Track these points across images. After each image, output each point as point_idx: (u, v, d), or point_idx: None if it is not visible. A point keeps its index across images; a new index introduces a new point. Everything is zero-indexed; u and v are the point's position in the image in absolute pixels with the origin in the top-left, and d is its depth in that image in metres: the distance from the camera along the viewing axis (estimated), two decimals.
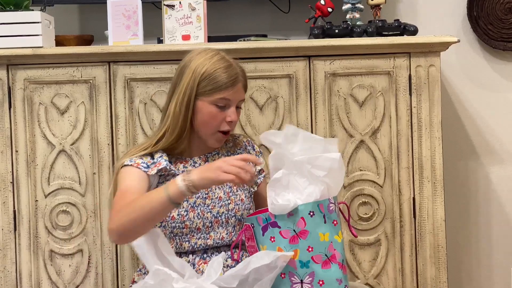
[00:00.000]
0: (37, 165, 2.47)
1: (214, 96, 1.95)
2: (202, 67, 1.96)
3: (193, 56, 2.01)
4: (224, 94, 1.96)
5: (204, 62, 1.97)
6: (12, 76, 2.46)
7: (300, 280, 1.76)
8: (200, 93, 1.96)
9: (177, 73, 2.02)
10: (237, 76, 1.98)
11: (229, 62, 1.99)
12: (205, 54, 2.00)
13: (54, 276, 2.47)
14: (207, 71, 1.96)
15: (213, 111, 1.96)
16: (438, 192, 2.47)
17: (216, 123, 1.98)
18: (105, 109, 2.46)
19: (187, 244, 1.97)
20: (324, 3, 2.61)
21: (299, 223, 1.77)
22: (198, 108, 1.97)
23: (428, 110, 2.47)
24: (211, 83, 1.95)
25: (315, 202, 1.79)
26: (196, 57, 2.00)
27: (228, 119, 1.98)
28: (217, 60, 1.98)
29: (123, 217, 1.79)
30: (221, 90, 1.95)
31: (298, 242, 1.76)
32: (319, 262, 1.76)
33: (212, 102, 1.96)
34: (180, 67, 2.02)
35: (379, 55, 2.47)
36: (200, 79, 1.95)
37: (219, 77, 1.96)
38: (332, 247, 1.78)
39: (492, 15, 2.93)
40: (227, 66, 1.98)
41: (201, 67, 1.96)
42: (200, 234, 1.97)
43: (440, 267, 2.48)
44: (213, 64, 1.97)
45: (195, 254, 1.97)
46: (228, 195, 2.02)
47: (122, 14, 2.53)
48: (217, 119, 1.97)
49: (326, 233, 1.78)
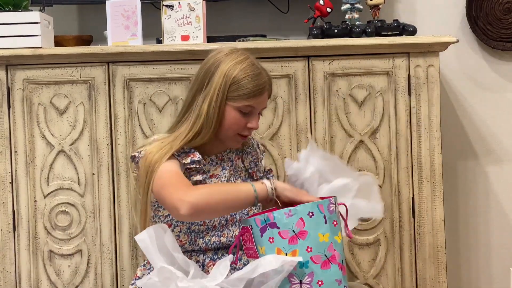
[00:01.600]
0: (36, 166, 2.46)
1: (240, 103, 1.95)
2: (233, 71, 1.94)
3: (222, 57, 1.98)
4: (250, 102, 1.95)
5: (235, 66, 1.95)
6: (11, 77, 2.46)
7: (299, 281, 1.76)
8: (227, 97, 1.95)
9: (204, 72, 1.98)
10: (265, 86, 1.98)
11: (259, 70, 1.98)
12: (235, 56, 1.98)
13: (54, 276, 2.47)
14: (237, 76, 1.94)
15: (237, 116, 1.96)
16: (437, 192, 2.48)
17: (238, 128, 1.98)
18: (104, 110, 2.46)
19: (201, 241, 1.97)
20: (323, 3, 2.61)
21: (298, 224, 1.77)
22: (224, 112, 1.96)
23: (427, 110, 2.47)
24: (239, 89, 1.94)
25: (314, 203, 1.79)
26: (226, 58, 1.97)
27: (249, 126, 1.99)
28: (247, 66, 1.96)
29: (205, 195, 1.78)
30: (248, 98, 1.95)
31: (297, 243, 1.76)
32: (319, 262, 1.76)
33: (237, 107, 1.95)
34: (207, 65, 1.99)
35: (378, 55, 2.47)
36: (230, 83, 1.94)
37: (247, 84, 1.95)
38: (332, 248, 1.78)
39: (491, 15, 2.93)
40: (257, 74, 1.97)
41: (232, 71, 1.94)
42: (215, 232, 1.98)
43: (439, 267, 2.48)
44: (243, 70, 1.95)
45: (205, 254, 1.98)
46: None
47: (121, 15, 2.54)
48: (240, 124, 1.97)
49: (326, 234, 1.78)
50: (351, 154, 2.48)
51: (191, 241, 1.96)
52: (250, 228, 1.80)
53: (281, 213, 1.78)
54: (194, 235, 1.97)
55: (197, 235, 1.97)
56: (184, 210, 1.75)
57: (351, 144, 2.48)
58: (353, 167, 2.48)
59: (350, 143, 2.48)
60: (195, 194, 1.78)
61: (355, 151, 2.48)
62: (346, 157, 2.48)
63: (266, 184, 1.84)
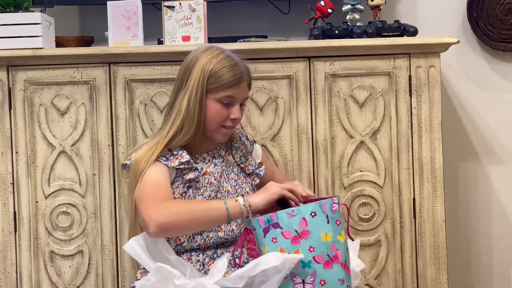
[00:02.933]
0: (37, 166, 2.47)
1: (220, 94, 2.00)
2: (210, 64, 2.00)
3: (198, 54, 2.04)
4: (229, 92, 2.00)
5: (210, 60, 2.01)
6: (12, 77, 2.46)
7: (302, 280, 1.76)
8: (207, 90, 2.00)
9: (183, 71, 2.05)
10: (242, 75, 2.03)
11: (235, 61, 2.03)
12: (211, 52, 2.04)
13: (55, 277, 2.47)
14: (214, 69, 2.00)
15: (218, 108, 2.00)
16: (438, 192, 2.47)
17: (220, 120, 2.02)
18: (105, 110, 2.46)
19: (199, 237, 1.98)
20: (324, 4, 2.61)
21: (300, 224, 1.77)
22: (206, 105, 2.00)
23: (428, 111, 2.47)
24: (216, 81, 1.99)
25: (317, 203, 1.80)
26: (202, 54, 2.03)
27: (232, 117, 2.03)
28: (223, 58, 2.02)
29: (174, 214, 1.80)
30: (227, 88, 2.00)
31: (300, 243, 1.76)
32: (321, 262, 1.76)
33: (217, 99, 2.00)
34: (185, 64, 2.06)
35: (379, 56, 2.47)
36: (208, 77, 1.99)
37: (225, 75, 2.00)
38: (335, 247, 1.78)
39: (492, 16, 2.93)
40: (233, 64, 2.02)
41: (208, 65, 2.00)
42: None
43: (440, 268, 2.48)
44: (219, 63, 2.01)
45: (205, 253, 1.98)
46: (235, 188, 2.07)
47: (122, 15, 2.54)
48: (222, 116, 2.01)
49: (329, 233, 1.78)
50: (352, 154, 2.48)
51: (190, 239, 1.97)
52: (253, 229, 1.81)
53: (284, 213, 1.79)
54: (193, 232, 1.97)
55: (196, 232, 1.97)
56: (152, 228, 1.80)
57: (352, 145, 2.48)
58: (354, 167, 2.48)
59: (351, 143, 2.48)
60: (164, 213, 1.80)
61: (356, 152, 2.48)
62: (347, 158, 2.48)
63: (239, 202, 1.85)
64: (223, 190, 2.04)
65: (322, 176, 2.47)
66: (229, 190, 2.06)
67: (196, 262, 1.96)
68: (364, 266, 2.03)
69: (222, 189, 2.04)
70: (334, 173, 2.48)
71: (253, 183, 2.14)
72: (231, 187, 2.06)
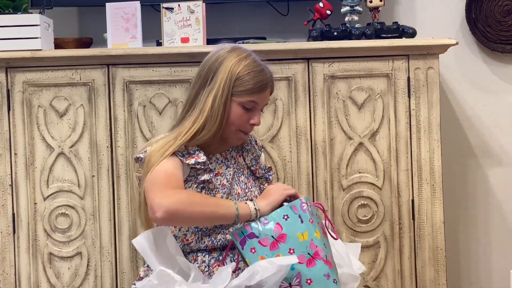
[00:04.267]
0: (36, 168, 2.46)
1: (244, 98, 1.97)
2: (238, 67, 1.97)
3: (225, 54, 2.00)
4: (253, 98, 1.98)
5: (239, 63, 1.97)
6: (11, 79, 2.46)
7: (289, 284, 1.77)
8: (232, 92, 1.97)
9: (207, 68, 2.00)
10: (268, 82, 2.00)
11: (262, 67, 2.00)
12: (238, 53, 2.00)
13: (53, 279, 2.47)
14: (241, 71, 1.96)
15: (240, 111, 1.98)
16: (437, 194, 2.48)
17: (240, 124, 2.00)
18: (104, 112, 2.46)
19: (208, 239, 1.97)
20: (323, 5, 2.61)
21: (276, 229, 1.79)
22: (230, 107, 1.98)
23: (427, 112, 2.47)
24: (243, 84, 1.96)
25: (287, 206, 1.83)
26: (230, 55, 1.99)
27: (251, 122, 2.00)
28: (251, 62, 1.99)
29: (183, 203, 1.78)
30: (252, 94, 1.97)
31: (279, 247, 1.77)
32: (303, 261, 1.77)
33: (240, 103, 1.97)
34: (210, 62, 2.00)
35: (378, 57, 2.47)
36: (235, 79, 1.96)
37: (251, 80, 1.97)
38: (314, 244, 1.79)
39: (491, 18, 2.93)
40: (260, 70, 1.99)
41: (236, 67, 1.97)
42: (221, 230, 1.98)
43: (439, 269, 2.48)
44: (247, 66, 1.97)
45: (211, 255, 1.98)
46: (244, 191, 2.05)
47: (121, 17, 2.54)
48: (242, 120, 1.99)
49: (305, 232, 1.79)
50: (351, 156, 2.48)
51: (198, 240, 1.97)
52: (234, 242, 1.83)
53: (256, 222, 1.81)
54: (202, 233, 1.97)
55: (204, 233, 1.97)
56: (160, 213, 1.76)
57: (351, 147, 2.48)
58: (353, 169, 2.48)
59: (350, 145, 2.48)
60: (174, 200, 1.77)
61: (354, 154, 2.48)
62: (345, 159, 2.48)
63: (249, 206, 1.85)
64: (234, 193, 2.03)
65: (321, 178, 2.47)
66: (239, 192, 2.04)
67: (201, 263, 1.96)
68: (364, 268, 2.03)
69: (233, 191, 2.03)
70: (333, 174, 2.48)
71: (261, 186, 2.12)
72: (241, 190, 2.05)
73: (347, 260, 1.95)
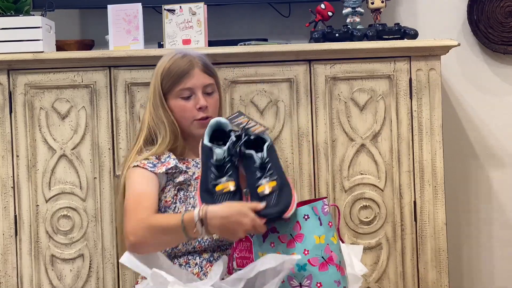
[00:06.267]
0: (38, 170, 2.47)
1: (175, 89, 1.99)
2: (162, 64, 2.02)
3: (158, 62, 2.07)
4: (183, 85, 1.99)
5: (163, 61, 2.03)
6: (13, 81, 2.46)
7: (299, 283, 1.76)
8: (165, 92, 2.00)
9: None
10: (190, 63, 2.01)
11: (183, 53, 2.03)
12: (167, 55, 2.05)
13: (55, 281, 2.47)
14: (165, 68, 2.00)
15: (180, 104, 1.99)
16: (439, 195, 2.47)
17: (189, 114, 2.00)
18: (106, 114, 2.46)
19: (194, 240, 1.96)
20: (324, 7, 2.61)
21: (295, 227, 1.78)
22: (171, 107, 2.00)
23: (428, 113, 2.47)
24: (169, 77, 1.99)
25: (309, 206, 1.81)
26: (160, 60, 2.05)
27: (197, 106, 1.99)
28: (174, 55, 2.02)
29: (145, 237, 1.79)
30: (179, 81, 1.99)
31: (295, 246, 1.77)
32: (316, 264, 1.76)
33: (176, 96, 1.99)
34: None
35: (380, 59, 2.47)
36: (161, 78, 2.00)
37: (174, 69, 1.99)
38: (329, 249, 1.78)
39: (492, 19, 2.93)
40: (181, 57, 2.01)
41: (160, 66, 2.02)
42: None
43: (441, 271, 2.48)
44: (169, 61, 2.01)
45: (202, 256, 1.98)
46: None
47: (123, 19, 2.54)
48: (187, 110, 2.00)
49: (322, 236, 1.79)
50: (353, 158, 2.48)
51: (185, 243, 1.96)
52: (251, 235, 1.81)
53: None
54: None
55: None
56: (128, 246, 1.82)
57: (353, 148, 2.48)
58: (355, 171, 2.48)
59: (352, 147, 2.48)
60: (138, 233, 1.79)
61: (356, 155, 2.48)
62: (347, 161, 2.47)
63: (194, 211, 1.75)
64: None
65: (322, 179, 2.47)
66: None
67: (194, 266, 1.95)
68: (366, 270, 2.02)
69: None
70: (335, 176, 2.48)
71: None
72: None
73: (349, 260, 1.95)
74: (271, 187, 1.75)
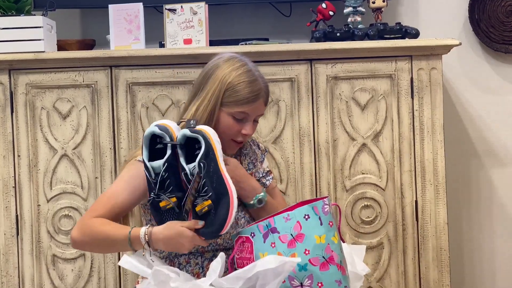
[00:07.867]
0: (39, 170, 2.47)
1: (234, 109, 1.94)
2: (229, 77, 1.94)
3: (220, 62, 1.98)
4: (244, 109, 1.94)
5: (231, 73, 1.94)
6: (14, 81, 2.46)
7: (300, 283, 1.77)
8: (222, 103, 1.95)
9: (202, 76, 1.99)
10: (259, 92, 1.96)
11: (254, 77, 1.97)
12: (232, 63, 1.97)
13: (57, 280, 2.47)
14: (232, 82, 1.93)
15: (230, 122, 1.95)
16: (441, 195, 2.47)
17: (231, 134, 1.97)
18: (107, 114, 2.46)
19: None
20: (325, 6, 2.61)
21: (295, 227, 1.78)
22: (219, 117, 1.95)
23: (430, 113, 2.47)
24: (233, 95, 1.93)
25: (309, 205, 1.80)
26: (224, 64, 1.97)
27: (243, 132, 1.97)
28: (243, 72, 1.95)
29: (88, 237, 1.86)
30: (242, 105, 1.94)
31: (296, 246, 1.77)
32: (317, 264, 1.77)
33: (230, 114, 1.94)
34: (205, 70, 1.99)
35: (381, 58, 2.47)
36: (225, 89, 1.94)
37: (242, 90, 1.93)
38: (330, 249, 1.78)
39: (494, 18, 2.93)
40: (252, 80, 1.95)
41: (227, 77, 1.94)
42: None
43: (442, 270, 2.48)
44: (238, 76, 1.94)
45: (203, 256, 1.97)
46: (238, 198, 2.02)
47: (124, 19, 2.54)
48: (233, 130, 1.96)
49: (322, 235, 1.79)
50: (354, 157, 2.48)
51: None
52: (252, 236, 1.81)
53: (280, 218, 1.81)
54: None
55: None
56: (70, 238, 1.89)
57: (354, 147, 2.48)
58: (356, 170, 2.48)
59: (353, 146, 2.48)
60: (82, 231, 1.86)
61: (358, 154, 2.48)
62: (349, 160, 2.47)
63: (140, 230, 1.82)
64: None
65: (324, 179, 2.47)
66: None
67: (195, 266, 1.95)
68: (368, 270, 2.01)
69: None
70: (336, 175, 2.48)
71: None
72: None
73: (350, 259, 1.95)
74: (206, 206, 1.78)
